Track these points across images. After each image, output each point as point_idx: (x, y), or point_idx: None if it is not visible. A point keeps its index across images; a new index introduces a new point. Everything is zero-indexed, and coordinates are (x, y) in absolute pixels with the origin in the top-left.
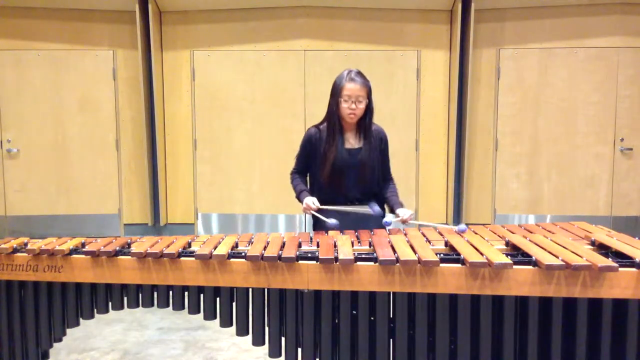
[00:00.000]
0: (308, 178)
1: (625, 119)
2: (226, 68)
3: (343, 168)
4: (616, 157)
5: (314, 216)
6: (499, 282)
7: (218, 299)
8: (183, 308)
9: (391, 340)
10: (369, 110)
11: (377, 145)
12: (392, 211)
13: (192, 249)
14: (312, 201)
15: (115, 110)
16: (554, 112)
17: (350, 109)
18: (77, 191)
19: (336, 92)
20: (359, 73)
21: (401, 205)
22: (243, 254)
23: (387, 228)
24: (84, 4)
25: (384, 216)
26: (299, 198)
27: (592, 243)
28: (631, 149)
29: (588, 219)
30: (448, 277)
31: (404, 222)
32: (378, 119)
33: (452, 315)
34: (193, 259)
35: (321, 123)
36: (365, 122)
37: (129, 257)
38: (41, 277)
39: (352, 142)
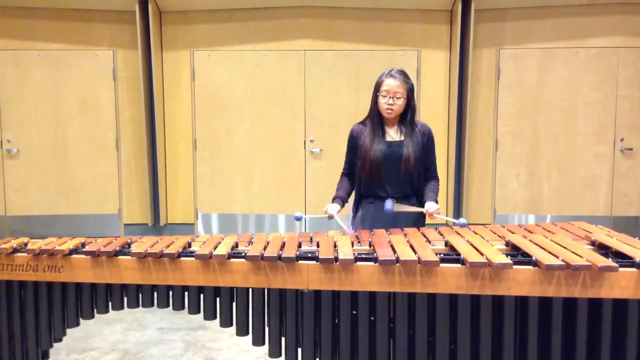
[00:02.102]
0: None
1: (625, 119)
2: (226, 68)
3: (383, 160)
4: (616, 157)
5: (353, 212)
6: (499, 282)
7: (218, 299)
8: (183, 308)
9: (391, 340)
10: (410, 107)
11: (420, 139)
12: (423, 203)
13: (192, 249)
14: (330, 208)
15: (115, 110)
16: (554, 112)
17: (388, 104)
18: (77, 191)
19: (376, 88)
20: (401, 72)
21: (435, 201)
22: (243, 254)
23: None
24: (84, 4)
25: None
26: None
27: (592, 243)
28: (631, 149)
29: (588, 219)
30: (448, 277)
31: (429, 215)
32: None
33: (452, 315)
34: (193, 259)
35: (366, 119)
36: (406, 118)
37: (129, 257)
38: (41, 277)
39: (392, 135)
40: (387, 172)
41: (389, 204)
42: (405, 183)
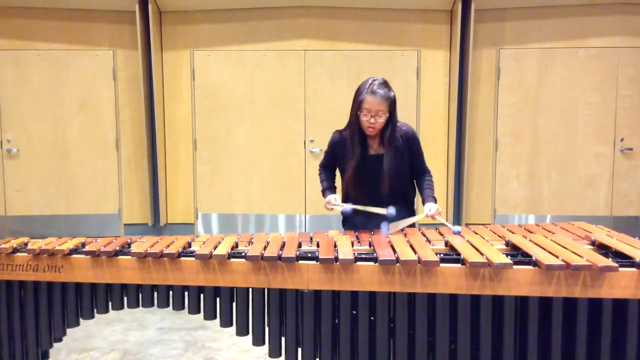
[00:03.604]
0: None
1: (625, 119)
2: (226, 68)
3: (367, 175)
4: (616, 157)
5: (343, 214)
6: (499, 282)
7: (218, 299)
8: (183, 308)
9: (391, 340)
10: (391, 122)
11: (404, 149)
12: (423, 204)
13: (192, 249)
14: (333, 198)
15: (115, 110)
16: (554, 112)
17: (369, 123)
18: (77, 191)
19: (356, 105)
20: (382, 84)
21: (433, 200)
22: (243, 254)
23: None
24: (84, 4)
25: (395, 218)
26: (323, 194)
27: (592, 243)
28: (631, 149)
29: (588, 219)
30: (448, 277)
31: (431, 217)
32: None
33: (452, 315)
34: (193, 259)
35: (345, 129)
36: (386, 132)
37: (129, 257)
38: (41, 277)
39: (375, 148)
40: (372, 186)
41: (384, 229)
42: (390, 194)
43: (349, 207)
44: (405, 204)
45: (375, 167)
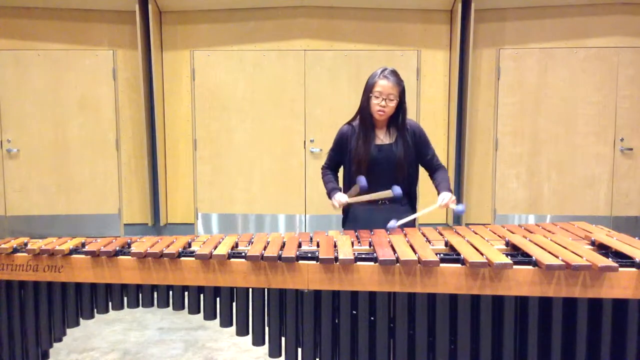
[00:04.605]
0: (341, 174)
1: (625, 119)
2: (226, 68)
3: (372, 164)
4: (616, 157)
5: (344, 213)
6: (499, 282)
7: (218, 299)
8: (183, 308)
9: (391, 340)
10: (401, 110)
11: (410, 141)
12: (438, 194)
13: (192, 249)
14: (340, 196)
15: (115, 110)
16: (554, 112)
17: (380, 106)
18: (77, 191)
19: (368, 88)
20: (394, 72)
21: (448, 190)
22: (243, 254)
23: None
24: (84, 4)
25: (402, 198)
26: (329, 195)
27: (592, 243)
28: (631, 149)
29: (588, 219)
30: (448, 277)
31: (445, 206)
32: None
33: (452, 315)
34: (193, 259)
35: (353, 119)
36: (397, 121)
37: (129, 257)
38: (41, 277)
39: (382, 138)
40: (378, 176)
41: (392, 224)
42: (394, 184)
43: (354, 200)
44: (408, 201)
45: (382, 156)
